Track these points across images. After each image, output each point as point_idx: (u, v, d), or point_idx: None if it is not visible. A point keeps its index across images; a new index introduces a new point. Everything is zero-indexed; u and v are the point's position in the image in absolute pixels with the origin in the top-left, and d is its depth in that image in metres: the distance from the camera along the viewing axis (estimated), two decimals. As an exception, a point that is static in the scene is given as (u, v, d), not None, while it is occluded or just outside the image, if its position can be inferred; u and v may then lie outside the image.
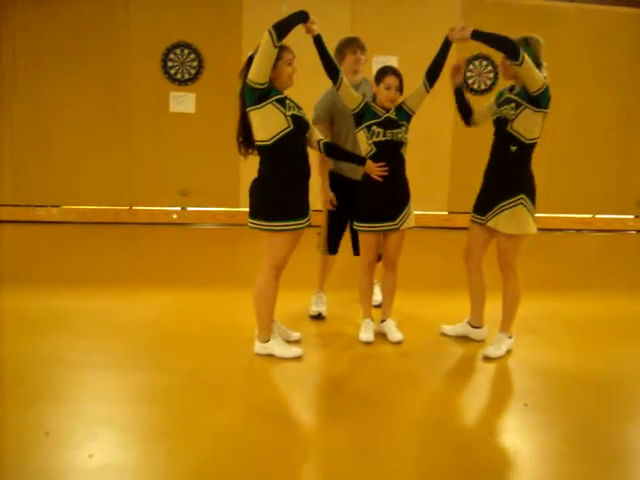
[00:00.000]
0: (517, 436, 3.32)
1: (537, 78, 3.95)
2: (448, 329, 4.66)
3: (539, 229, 4.35)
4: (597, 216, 9.19)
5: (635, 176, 9.11)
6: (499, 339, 4.33)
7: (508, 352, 4.32)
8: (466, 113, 4.46)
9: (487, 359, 4.23)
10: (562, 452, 3.17)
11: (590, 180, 8.97)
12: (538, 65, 4.01)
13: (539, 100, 4.02)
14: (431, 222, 8.37)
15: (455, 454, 3.13)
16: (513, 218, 4.13)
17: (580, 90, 8.77)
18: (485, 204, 4.26)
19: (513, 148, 4.12)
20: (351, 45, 4.70)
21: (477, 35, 4.01)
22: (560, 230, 8.94)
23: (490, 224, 4.21)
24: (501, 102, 4.22)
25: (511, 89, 4.21)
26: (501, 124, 4.16)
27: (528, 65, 3.91)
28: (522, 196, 4.15)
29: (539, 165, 8.72)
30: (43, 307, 4.99)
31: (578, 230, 9.07)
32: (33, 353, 4.11)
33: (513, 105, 4.08)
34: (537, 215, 4.32)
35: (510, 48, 3.90)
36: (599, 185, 9.01)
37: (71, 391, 3.66)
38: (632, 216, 9.25)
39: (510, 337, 4.35)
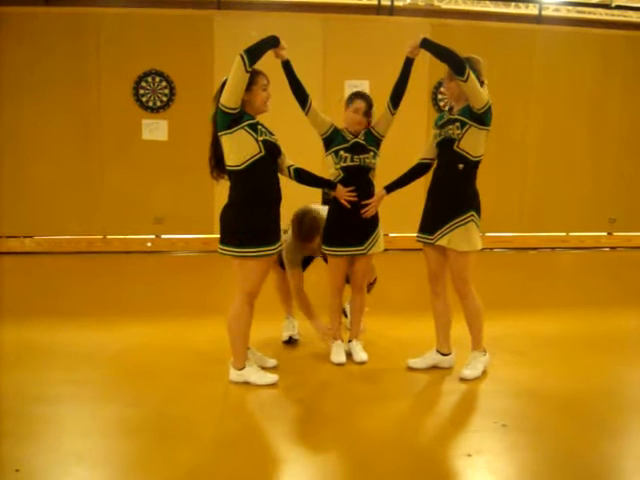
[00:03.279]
0: (496, 457, 3.28)
1: (482, 95, 4.02)
2: (417, 362, 4.40)
3: (513, 248, 4.37)
4: (571, 234, 9.28)
5: (607, 194, 9.23)
6: (474, 358, 4.28)
7: (484, 371, 4.30)
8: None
9: (464, 380, 4.19)
10: (542, 472, 3.14)
11: (563, 199, 9.07)
12: (480, 83, 4.05)
13: (483, 118, 4.06)
14: (406, 244, 8.38)
15: (433, 477, 3.10)
16: (466, 235, 4.12)
17: (550, 110, 8.89)
18: (432, 223, 4.22)
19: (460, 166, 4.12)
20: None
21: (426, 43, 4.12)
22: (535, 249, 9.00)
23: (441, 242, 4.16)
24: (443, 123, 4.22)
25: (450, 111, 4.23)
26: (447, 144, 4.15)
27: (473, 82, 3.97)
28: (472, 213, 4.15)
29: (512, 185, 8.92)
30: (14, 339, 4.88)
31: (552, 248, 9.14)
32: (5, 387, 4.01)
33: (458, 124, 4.10)
34: (512, 234, 4.33)
35: (457, 63, 3.97)
36: (572, 203, 9.11)
37: (43, 426, 3.56)
38: (605, 233, 9.35)
39: (484, 354, 4.33)
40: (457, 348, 4.46)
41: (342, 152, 4.30)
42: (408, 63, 4.26)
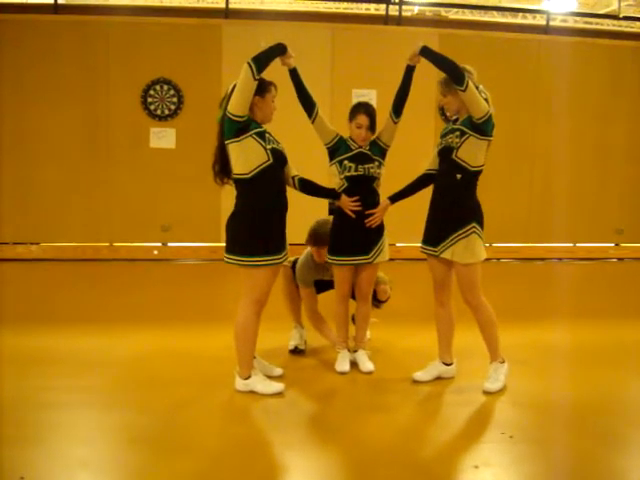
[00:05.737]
0: (503, 469, 3.26)
1: (482, 105, 3.99)
2: (422, 375, 4.35)
3: (520, 259, 4.33)
4: (578, 245, 9.25)
5: (614, 204, 9.20)
6: (494, 370, 4.22)
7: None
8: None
9: (487, 394, 4.13)
10: (549, 485, 3.13)
11: (570, 209, 9.02)
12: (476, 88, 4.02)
13: (483, 128, 4.03)
14: (414, 254, 8.35)
15: (440, 489, 3.08)
16: (468, 247, 4.09)
17: (556, 121, 8.87)
18: (436, 235, 4.19)
19: (458, 176, 4.10)
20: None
21: (425, 51, 4.11)
22: (542, 259, 8.97)
23: (445, 255, 4.14)
24: (445, 133, 4.22)
25: (455, 121, 4.21)
26: (446, 153, 4.13)
27: (472, 91, 3.94)
28: (474, 224, 4.11)
29: (519, 196, 8.90)
30: (22, 346, 4.89)
31: (559, 259, 9.11)
32: (11, 393, 4.01)
33: (458, 133, 4.07)
34: (519, 245, 4.29)
35: (456, 72, 3.95)
36: (579, 214, 9.08)
37: (49, 432, 3.56)
38: (612, 244, 9.31)
39: (503, 362, 4.27)
40: (460, 358, 4.45)
41: (346, 161, 4.30)
42: (409, 71, 4.28)
